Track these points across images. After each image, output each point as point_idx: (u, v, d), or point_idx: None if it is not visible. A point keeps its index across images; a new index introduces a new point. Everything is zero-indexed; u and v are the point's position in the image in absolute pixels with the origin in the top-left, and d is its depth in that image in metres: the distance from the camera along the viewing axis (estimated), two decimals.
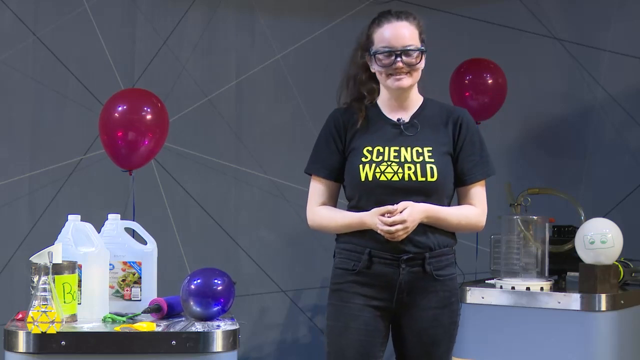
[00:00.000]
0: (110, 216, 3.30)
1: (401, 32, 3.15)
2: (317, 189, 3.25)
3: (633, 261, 4.22)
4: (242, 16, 5.40)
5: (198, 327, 2.94)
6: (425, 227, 3.11)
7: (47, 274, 2.86)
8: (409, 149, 3.14)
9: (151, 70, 5.19)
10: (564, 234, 4.38)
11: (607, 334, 3.91)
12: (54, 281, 2.89)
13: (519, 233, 4.18)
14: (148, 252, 3.27)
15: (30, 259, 2.95)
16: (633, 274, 4.16)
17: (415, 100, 3.25)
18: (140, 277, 3.24)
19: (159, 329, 2.93)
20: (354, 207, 3.18)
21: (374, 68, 3.19)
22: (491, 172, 3.26)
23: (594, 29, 5.49)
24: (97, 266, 3.10)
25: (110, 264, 3.18)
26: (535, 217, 4.20)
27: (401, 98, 3.21)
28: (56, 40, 5.05)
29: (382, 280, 3.11)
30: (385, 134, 3.18)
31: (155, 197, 5.18)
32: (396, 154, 3.14)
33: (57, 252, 2.94)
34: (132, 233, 3.33)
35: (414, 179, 3.10)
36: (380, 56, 3.14)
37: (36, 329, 2.79)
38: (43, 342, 2.81)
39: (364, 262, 3.11)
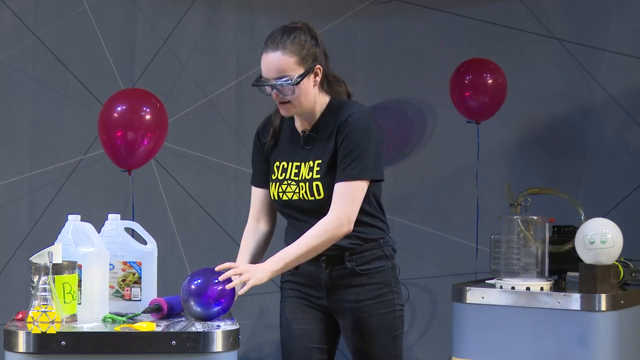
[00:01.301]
0: (110, 216, 3.29)
1: (271, 66, 3.02)
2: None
3: (633, 261, 4.21)
4: (242, 16, 5.40)
5: (198, 327, 2.94)
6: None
7: (47, 274, 2.86)
8: (306, 164, 3.11)
9: (151, 70, 5.19)
10: (564, 234, 4.38)
11: (607, 334, 3.90)
12: (54, 281, 2.89)
13: (519, 233, 4.17)
14: (148, 252, 3.27)
15: (30, 259, 2.95)
16: (633, 274, 4.16)
17: (320, 107, 3.12)
18: (140, 277, 3.24)
19: (159, 329, 2.93)
20: None
21: None
22: (357, 176, 3.01)
23: (594, 29, 5.49)
24: (97, 266, 3.09)
25: (110, 264, 3.18)
26: (535, 217, 4.19)
27: (302, 113, 3.12)
28: (56, 40, 5.05)
29: (310, 278, 3.18)
30: (291, 149, 3.16)
31: (155, 197, 5.18)
32: (297, 170, 3.12)
33: (57, 252, 2.94)
34: (132, 233, 3.33)
35: (306, 197, 3.09)
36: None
37: (36, 329, 2.78)
38: (43, 342, 2.80)
39: None
